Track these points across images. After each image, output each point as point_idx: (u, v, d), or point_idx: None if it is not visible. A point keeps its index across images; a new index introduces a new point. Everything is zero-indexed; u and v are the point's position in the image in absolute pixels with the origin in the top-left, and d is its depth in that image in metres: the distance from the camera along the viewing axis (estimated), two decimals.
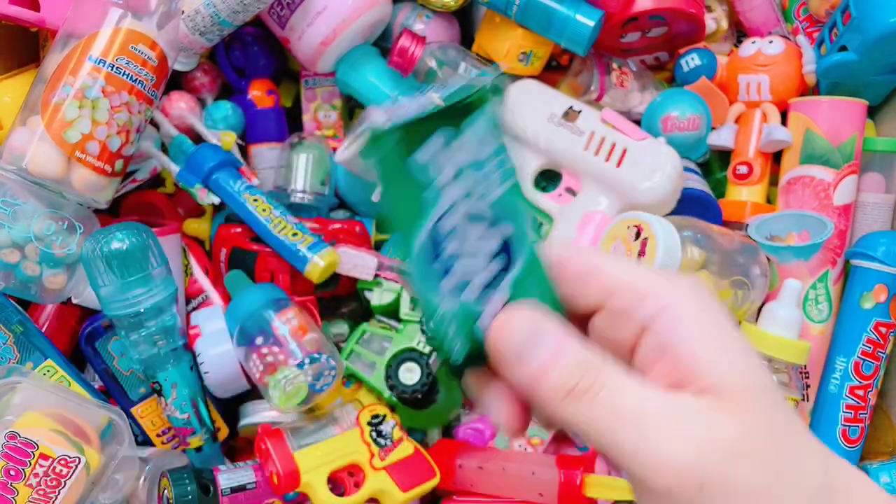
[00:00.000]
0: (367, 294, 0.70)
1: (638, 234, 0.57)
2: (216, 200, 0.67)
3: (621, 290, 0.27)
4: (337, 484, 0.61)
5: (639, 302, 0.27)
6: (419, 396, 0.63)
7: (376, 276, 0.68)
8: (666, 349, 0.26)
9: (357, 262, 0.67)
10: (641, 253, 0.56)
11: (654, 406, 0.25)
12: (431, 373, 0.64)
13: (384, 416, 0.64)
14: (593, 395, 0.25)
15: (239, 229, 0.68)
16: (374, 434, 0.63)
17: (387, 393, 0.65)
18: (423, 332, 0.66)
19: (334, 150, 0.71)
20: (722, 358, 0.25)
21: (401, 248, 0.28)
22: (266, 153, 0.75)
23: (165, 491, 0.59)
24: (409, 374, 0.63)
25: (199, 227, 0.74)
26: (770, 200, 0.73)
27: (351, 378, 0.70)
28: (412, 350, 0.65)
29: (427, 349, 0.66)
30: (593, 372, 0.25)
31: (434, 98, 0.60)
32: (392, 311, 0.69)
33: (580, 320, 0.29)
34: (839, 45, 0.67)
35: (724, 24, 0.77)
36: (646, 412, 0.25)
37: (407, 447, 0.63)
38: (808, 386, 0.69)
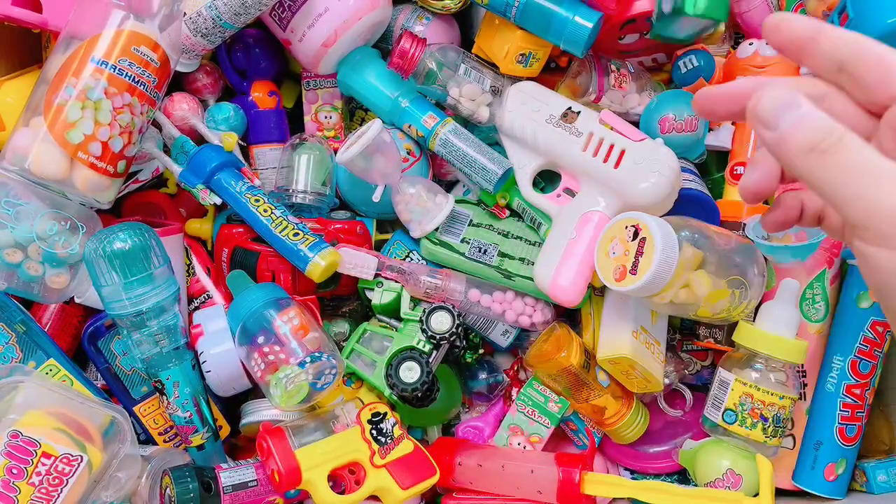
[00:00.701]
0: (368, 293, 0.70)
1: (636, 234, 0.57)
2: (218, 201, 0.67)
3: None
4: (337, 482, 0.62)
5: None
6: (419, 395, 0.64)
7: (377, 275, 0.68)
8: None
9: (358, 262, 0.67)
10: (639, 252, 0.57)
11: (884, 167, 0.29)
12: (431, 371, 0.64)
13: (384, 415, 0.65)
14: (832, 154, 0.29)
15: (241, 229, 0.69)
16: (374, 432, 0.63)
17: (387, 391, 0.65)
18: (422, 331, 0.66)
19: (335, 150, 0.71)
20: None
21: None
22: (267, 154, 0.75)
23: (167, 489, 0.59)
24: (409, 373, 0.64)
25: (201, 227, 0.74)
26: (767, 201, 0.73)
27: (352, 376, 0.70)
28: (412, 349, 0.66)
29: (427, 348, 0.66)
30: (836, 135, 0.30)
31: None
32: (392, 310, 0.70)
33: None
34: None
35: (722, 26, 0.77)
36: (873, 171, 0.29)
37: (407, 445, 0.64)
38: (805, 385, 0.69)
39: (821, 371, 0.69)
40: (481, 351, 0.73)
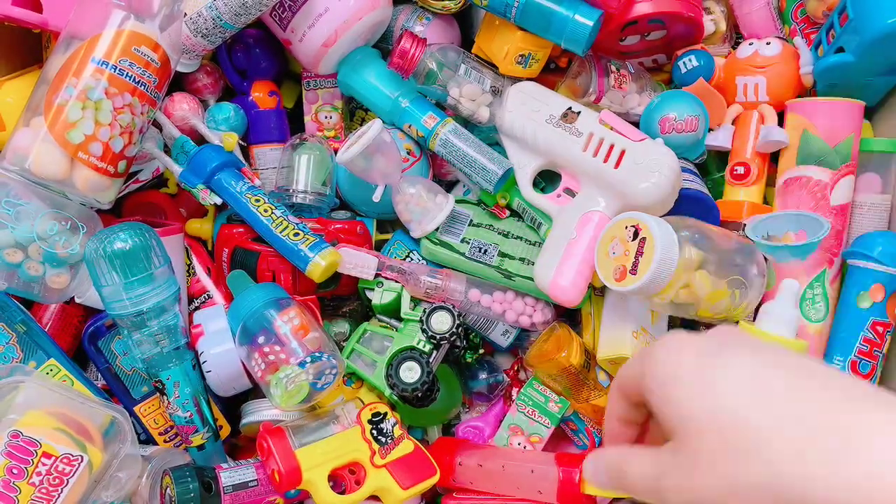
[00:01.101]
0: (368, 293, 0.70)
1: (636, 234, 0.57)
2: (218, 201, 0.67)
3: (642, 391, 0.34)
4: (338, 482, 0.62)
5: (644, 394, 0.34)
6: (419, 395, 0.64)
7: (377, 275, 0.68)
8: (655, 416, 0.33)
9: (358, 262, 0.67)
10: (639, 252, 0.57)
11: (644, 468, 0.33)
12: (431, 371, 0.64)
13: (385, 415, 0.65)
14: (625, 484, 0.34)
15: (241, 229, 0.69)
16: (374, 432, 0.63)
17: (388, 391, 0.65)
18: (423, 331, 0.66)
19: (335, 150, 0.71)
20: (675, 411, 0.31)
21: None
22: (268, 154, 0.75)
23: (168, 489, 0.59)
24: (410, 373, 0.64)
25: (201, 227, 0.74)
26: (767, 201, 0.73)
27: (352, 376, 0.70)
28: (412, 349, 0.66)
29: (427, 348, 0.66)
30: (618, 468, 0.34)
31: None
32: (392, 310, 0.70)
33: None
34: (836, 46, 0.68)
35: (723, 26, 0.77)
36: (641, 476, 0.33)
37: (407, 445, 0.64)
38: None
39: None
40: (481, 351, 0.73)
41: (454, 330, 0.66)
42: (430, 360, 0.65)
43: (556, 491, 0.63)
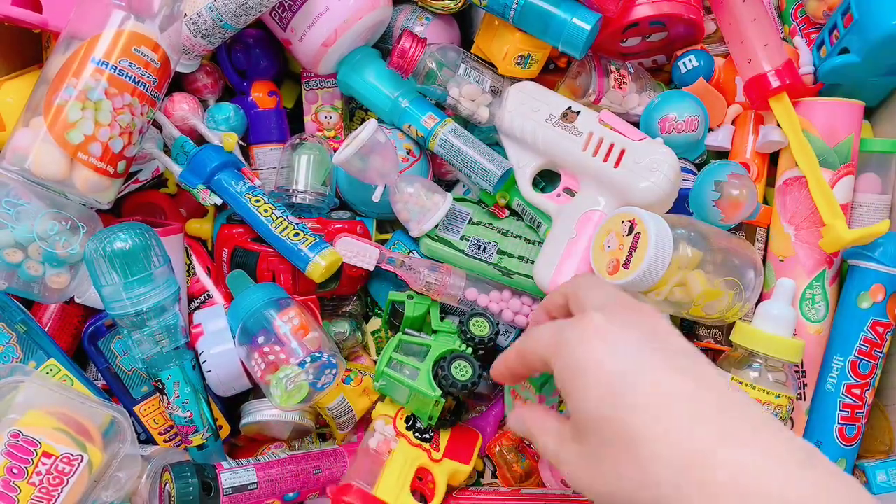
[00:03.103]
0: (399, 307, 0.69)
1: (631, 229, 0.57)
2: (218, 201, 0.67)
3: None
4: (417, 492, 0.62)
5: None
6: (466, 394, 0.63)
7: (377, 267, 0.68)
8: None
9: (359, 251, 0.67)
10: (633, 247, 0.57)
11: (548, 445, 0.41)
12: (482, 371, 0.63)
13: (412, 415, 0.65)
14: (535, 443, 0.42)
15: (241, 229, 0.69)
16: (417, 435, 0.64)
17: (433, 393, 0.62)
18: (462, 335, 0.65)
19: (335, 150, 0.71)
20: (583, 405, 0.36)
21: None
22: (268, 154, 0.75)
23: (167, 485, 0.59)
24: (462, 371, 0.62)
25: (201, 227, 0.74)
26: (767, 201, 0.73)
27: (351, 373, 0.70)
28: (458, 350, 0.65)
29: (470, 350, 0.65)
30: (530, 433, 0.43)
31: None
32: (420, 324, 0.69)
33: None
34: (840, 47, 0.68)
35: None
36: (544, 448, 0.41)
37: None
38: (805, 385, 0.69)
39: (821, 371, 0.69)
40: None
41: (491, 336, 0.65)
42: (479, 363, 0.64)
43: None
